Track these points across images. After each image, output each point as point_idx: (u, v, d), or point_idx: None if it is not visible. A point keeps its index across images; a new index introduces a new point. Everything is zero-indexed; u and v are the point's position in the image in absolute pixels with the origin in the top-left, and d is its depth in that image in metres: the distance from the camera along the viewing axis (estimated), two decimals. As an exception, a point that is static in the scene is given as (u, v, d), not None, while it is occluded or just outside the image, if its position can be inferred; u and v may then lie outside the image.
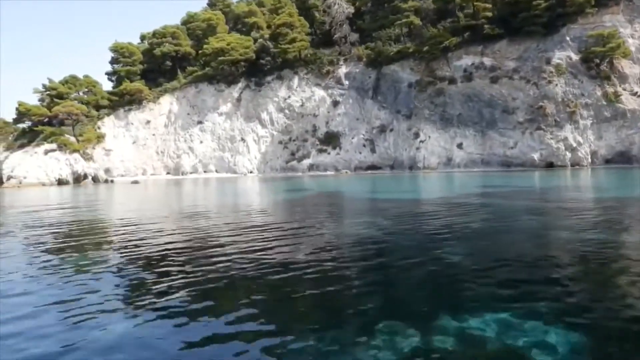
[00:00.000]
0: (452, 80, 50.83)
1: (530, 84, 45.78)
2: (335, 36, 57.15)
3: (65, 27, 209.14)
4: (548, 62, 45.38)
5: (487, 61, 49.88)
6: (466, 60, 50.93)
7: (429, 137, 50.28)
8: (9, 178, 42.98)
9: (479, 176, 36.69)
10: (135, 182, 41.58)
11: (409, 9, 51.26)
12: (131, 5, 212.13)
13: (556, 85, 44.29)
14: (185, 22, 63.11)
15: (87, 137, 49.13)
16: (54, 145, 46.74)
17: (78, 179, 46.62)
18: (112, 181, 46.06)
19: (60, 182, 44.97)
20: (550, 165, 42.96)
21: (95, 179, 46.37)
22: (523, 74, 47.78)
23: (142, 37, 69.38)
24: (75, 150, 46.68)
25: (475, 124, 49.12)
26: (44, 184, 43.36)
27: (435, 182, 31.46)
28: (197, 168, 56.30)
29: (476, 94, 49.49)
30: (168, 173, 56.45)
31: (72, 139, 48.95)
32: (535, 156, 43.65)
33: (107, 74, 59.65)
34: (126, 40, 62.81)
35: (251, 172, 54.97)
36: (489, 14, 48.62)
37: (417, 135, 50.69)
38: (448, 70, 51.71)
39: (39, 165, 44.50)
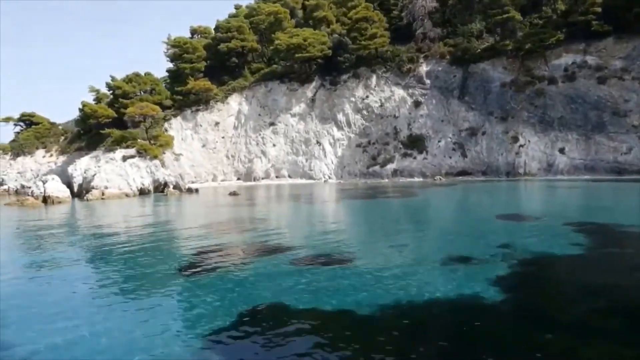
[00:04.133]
0: (551, 80, 47.57)
1: (647, 85, 42.68)
2: (418, 31, 53.42)
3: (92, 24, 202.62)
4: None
5: (591, 60, 46.63)
6: (566, 59, 47.68)
7: (529, 141, 47.06)
8: (90, 189, 38.92)
9: (611, 187, 33.69)
10: (234, 193, 37.73)
11: (507, 3, 47.55)
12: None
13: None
14: (247, 16, 58.95)
15: (163, 140, 45.12)
16: (131, 151, 42.72)
17: (158, 187, 42.69)
18: (196, 191, 42.14)
19: (142, 192, 41.04)
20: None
21: (176, 188, 42.42)
22: (635, 74, 44.67)
23: (193, 31, 65.24)
24: (155, 157, 42.70)
25: (579, 127, 45.97)
26: (127, 195, 39.42)
27: (602, 195, 28.01)
28: (270, 173, 52.58)
29: (580, 95, 46.31)
30: (238, 179, 52.66)
31: (144, 142, 44.89)
32: (657, 163, 40.66)
33: (168, 71, 55.34)
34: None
35: (329, 177, 51.30)
36: (598, 9, 45.14)
37: (515, 139, 47.42)
38: (546, 70, 48.42)
39: (119, 174, 40.49)
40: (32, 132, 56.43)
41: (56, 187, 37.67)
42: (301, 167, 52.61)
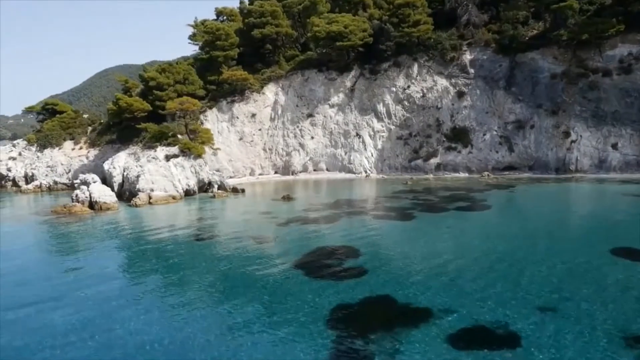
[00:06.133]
0: (606, 72, 45.67)
1: None
2: (463, 18, 50.92)
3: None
4: None
5: (649, 51, 44.62)
6: (622, 50, 45.66)
7: (580, 136, 45.57)
8: (135, 192, 37.35)
9: None
10: (288, 197, 36.25)
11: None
12: None
13: None
14: (280, -1, 55.93)
15: (204, 137, 43.20)
16: (174, 150, 40.93)
17: (202, 187, 41.18)
18: (242, 191, 40.61)
19: (187, 194, 39.54)
20: None
21: (221, 188, 40.88)
22: (698, 67, 42.87)
23: (218, 13, 62.22)
24: (199, 156, 40.97)
25: (634, 122, 44.44)
26: (173, 197, 37.91)
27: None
28: (307, 166, 51.04)
29: (637, 88, 44.61)
30: (276, 172, 51.12)
31: (187, 141, 43.00)
32: None
33: (197, 59, 52.70)
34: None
35: (370, 171, 49.82)
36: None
37: (567, 134, 45.89)
38: (600, 61, 46.41)
39: (164, 175, 38.83)
40: (57, 121, 54.21)
41: (102, 191, 36.12)
42: (340, 161, 51.05)
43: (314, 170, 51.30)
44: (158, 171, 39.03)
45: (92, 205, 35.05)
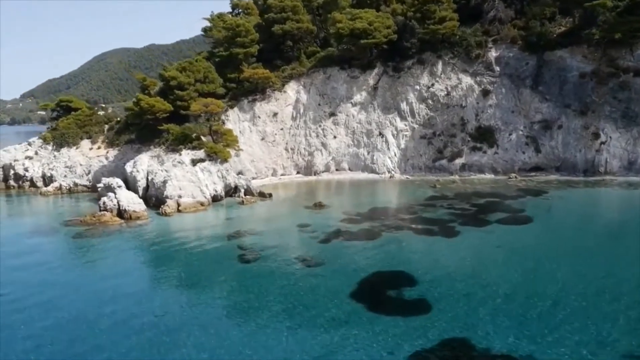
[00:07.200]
0: (637, 72, 44.81)
1: None
2: (490, 14, 49.65)
3: None
4: None
5: (682, 50, 43.68)
6: (654, 49, 44.64)
7: (610, 137, 44.90)
8: (163, 198, 36.66)
9: None
10: (320, 204, 35.65)
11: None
12: None
13: None
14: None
15: (228, 139, 42.30)
16: (200, 154, 40.14)
17: (228, 192, 40.51)
18: (270, 195, 39.98)
19: (214, 199, 38.88)
20: None
21: (248, 193, 40.22)
22: None
23: (234, 6, 60.59)
24: (225, 160, 40.20)
25: (665, 123, 43.72)
26: (201, 204, 37.28)
27: None
28: (330, 166, 50.33)
29: (669, 89, 43.72)
30: (298, 173, 50.39)
31: (213, 145, 42.16)
32: None
33: (216, 55, 51.33)
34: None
35: (393, 172, 49.14)
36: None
37: (596, 135, 45.23)
38: (631, 60, 45.46)
39: (191, 180, 38.10)
40: (73, 119, 53.05)
41: (130, 198, 35.46)
42: (362, 160, 50.33)
43: (336, 170, 50.61)
44: (185, 176, 38.30)
45: (120, 213, 34.42)
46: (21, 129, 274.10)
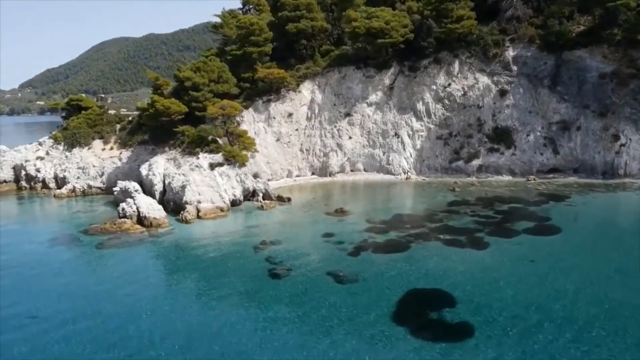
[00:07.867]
0: (659, 73, 44.12)
1: None
2: (508, 12, 48.86)
3: None
4: None
5: None
6: (675, 49, 44.00)
7: (630, 139, 44.48)
8: (182, 203, 36.25)
9: None
10: (341, 211, 35.34)
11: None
12: None
13: None
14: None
15: (245, 142, 41.80)
16: (218, 157, 39.66)
17: (246, 197, 40.12)
18: (288, 199, 39.62)
19: (233, 204, 38.51)
20: None
21: (266, 197, 39.83)
22: None
23: (245, 2, 59.66)
24: (243, 164, 39.74)
25: (686, 125, 43.28)
26: (221, 209, 36.89)
27: None
28: (345, 167, 49.93)
29: (690, 91, 43.18)
30: (313, 174, 49.97)
31: (231, 148, 41.63)
32: None
33: (228, 53, 50.51)
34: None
35: (409, 173, 48.75)
36: None
37: (616, 137, 44.80)
38: (652, 61, 44.76)
39: (209, 185, 37.68)
40: (83, 118, 52.42)
41: (149, 205, 35.13)
42: (378, 161, 49.90)
43: (351, 170, 50.23)
44: (204, 181, 37.87)
45: (140, 219, 34.07)
46: (20, 119, 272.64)
